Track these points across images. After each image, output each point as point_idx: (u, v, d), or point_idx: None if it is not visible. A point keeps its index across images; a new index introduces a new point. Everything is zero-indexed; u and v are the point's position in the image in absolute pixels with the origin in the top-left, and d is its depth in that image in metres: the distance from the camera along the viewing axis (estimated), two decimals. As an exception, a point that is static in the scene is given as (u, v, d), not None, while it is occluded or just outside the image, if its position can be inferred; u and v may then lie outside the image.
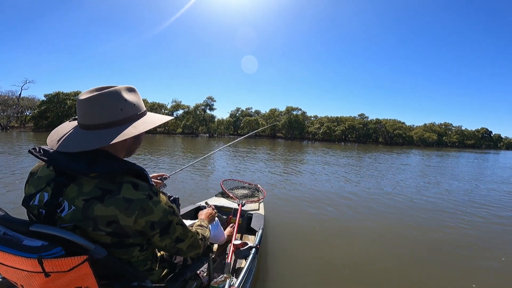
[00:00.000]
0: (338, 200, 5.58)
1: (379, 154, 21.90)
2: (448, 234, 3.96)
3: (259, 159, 13.18)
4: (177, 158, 11.77)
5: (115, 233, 0.83)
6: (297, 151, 20.69)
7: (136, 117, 0.93)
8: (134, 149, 1.02)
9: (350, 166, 11.99)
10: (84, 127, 0.89)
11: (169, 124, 47.04)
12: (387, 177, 9.32)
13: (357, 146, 36.11)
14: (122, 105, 0.89)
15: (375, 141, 54.31)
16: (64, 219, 0.81)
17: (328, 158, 15.44)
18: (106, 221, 0.81)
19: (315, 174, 9.06)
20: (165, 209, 0.90)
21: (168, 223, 0.92)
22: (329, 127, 51.53)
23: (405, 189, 7.15)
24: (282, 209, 4.74)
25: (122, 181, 0.84)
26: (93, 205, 0.80)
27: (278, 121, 51.22)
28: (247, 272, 1.80)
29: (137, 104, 0.95)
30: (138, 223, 0.85)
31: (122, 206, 0.81)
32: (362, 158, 16.92)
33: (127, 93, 0.92)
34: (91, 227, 0.80)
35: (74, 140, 0.87)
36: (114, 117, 0.88)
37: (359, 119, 56.41)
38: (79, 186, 0.82)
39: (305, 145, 32.73)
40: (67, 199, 0.82)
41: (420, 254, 3.21)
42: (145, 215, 0.85)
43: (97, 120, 0.87)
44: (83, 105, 0.87)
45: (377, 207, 5.24)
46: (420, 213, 4.94)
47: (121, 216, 0.81)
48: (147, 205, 0.85)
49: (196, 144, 23.38)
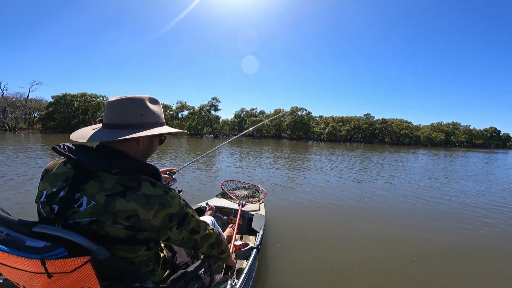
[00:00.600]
0: (341, 200, 5.48)
1: (386, 154, 21.64)
2: (464, 236, 3.83)
3: (262, 159, 13.12)
4: (184, 158, 11.77)
5: (132, 227, 0.86)
6: (302, 151, 20.56)
7: (154, 124, 1.00)
8: (148, 156, 1.07)
9: (355, 167, 11.84)
10: (107, 126, 0.96)
11: (175, 125, 47.32)
12: (395, 177, 9.16)
13: (363, 146, 35.76)
14: (143, 111, 0.97)
15: (381, 141, 53.78)
16: (83, 213, 0.84)
17: (333, 158, 15.28)
18: (126, 215, 0.85)
19: (318, 174, 8.96)
20: (180, 203, 0.97)
21: (184, 215, 0.97)
22: (334, 127, 51.19)
23: (416, 190, 6.99)
24: (283, 209, 4.69)
25: (141, 179, 0.90)
26: (115, 200, 0.84)
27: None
28: (248, 272, 1.80)
29: (157, 114, 1.02)
30: (158, 217, 0.89)
31: (142, 202, 0.86)
32: (368, 158, 16.72)
33: (150, 103, 1.00)
34: (110, 221, 0.84)
35: (96, 135, 0.94)
36: (134, 120, 0.95)
37: (364, 119, 55.94)
38: (99, 182, 0.87)
39: (310, 145, 32.53)
40: (86, 194, 0.85)
41: (428, 258, 3.09)
42: (165, 208, 0.90)
43: (118, 120, 0.94)
44: (110, 106, 0.96)
45: (384, 208, 5.12)
46: (432, 215, 4.79)
47: (141, 210, 0.86)
48: (166, 200, 0.91)
49: (201, 145, 23.44)
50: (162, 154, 13.03)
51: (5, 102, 36.69)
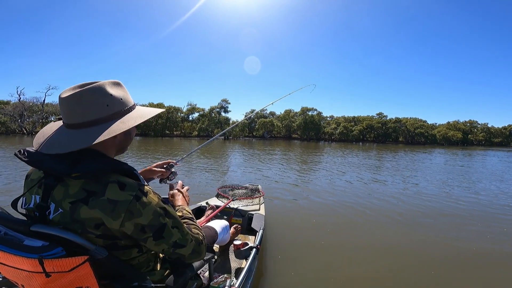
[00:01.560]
0: (344, 201, 5.33)
1: (401, 153, 20.97)
2: (489, 243, 3.50)
3: (268, 159, 12.94)
4: (194, 158, 11.74)
5: (105, 235, 0.81)
6: (312, 152, 20.22)
7: (124, 112, 0.89)
8: (126, 146, 0.98)
9: (364, 166, 11.44)
10: (69, 126, 0.85)
11: (185, 127, 47.81)
12: (408, 177, 8.76)
13: (376, 146, 34.97)
14: (107, 101, 0.85)
15: (395, 141, 52.53)
16: (52, 221, 0.80)
17: (342, 158, 14.90)
18: (94, 224, 0.79)
19: (322, 175, 8.75)
20: (155, 211, 0.83)
21: (161, 226, 0.85)
22: (346, 127, 50.39)
23: (434, 191, 6.62)
24: (284, 209, 4.64)
25: (108, 181, 0.80)
26: (79, 207, 0.78)
27: (294, 122, 50.56)
28: (248, 272, 1.78)
29: (124, 99, 0.90)
30: (126, 227, 0.80)
31: (107, 209, 0.77)
32: (383, 158, 16.21)
33: (112, 88, 0.87)
34: (80, 230, 0.79)
35: (59, 141, 0.83)
36: (101, 113, 0.84)
37: (377, 119, 54.81)
38: (65, 187, 0.80)
39: (321, 145, 32.05)
40: (54, 201, 0.80)
41: (445, 266, 2.83)
42: (133, 217, 0.80)
43: (82, 118, 0.83)
44: (66, 103, 0.83)
45: (392, 209, 4.89)
46: (454, 220, 4.46)
47: (107, 219, 0.78)
48: (134, 207, 0.79)
49: (211, 146, 23.47)
50: (171, 156, 13.02)
51: (22, 106, 37.98)
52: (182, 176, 6.98)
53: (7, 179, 6.14)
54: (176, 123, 47.62)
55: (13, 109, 37.42)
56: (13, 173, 6.89)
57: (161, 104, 46.64)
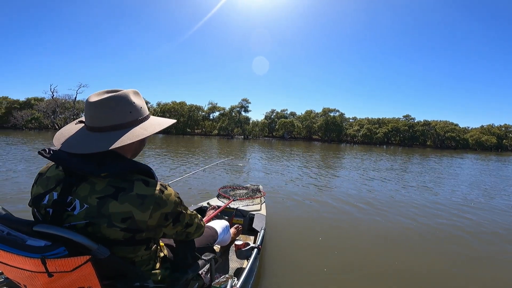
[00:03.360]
0: (345, 202, 5.31)
1: (433, 158, 19.68)
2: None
3: (283, 160, 12.60)
4: (212, 156, 11.67)
5: (129, 229, 0.85)
6: (332, 153, 19.52)
7: (142, 119, 0.97)
8: (140, 150, 1.05)
9: (387, 171, 10.73)
10: (94, 129, 0.90)
11: (206, 126, 48.43)
12: (427, 181, 8.03)
13: (401, 150, 33.27)
14: (130, 108, 0.93)
15: (423, 144, 49.89)
16: (77, 217, 0.84)
17: (360, 160, 14.18)
18: (121, 218, 0.83)
19: (326, 175, 8.66)
20: (175, 201, 0.95)
21: (179, 213, 0.97)
22: (369, 129, 48.56)
23: (462, 200, 5.95)
24: (285, 209, 4.65)
25: (133, 179, 0.87)
26: (108, 202, 0.83)
27: (314, 123, 49.59)
28: (249, 272, 1.80)
29: (143, 108, 0.98)
30: (153, 217, 0.87)
31: (136, 202, 0.84)
32: (407, 161, 15.26)
33: (134, 97, 0.96)
34: (106, 224, 0.83)
35: (85, 142, 0.89)
36: (124, 119, 0.91)
37: (404, 121, 52.31)
38: (91, 185, 0.85)
39: (343, 147, 31.03)
40: (79, 197, 0.84)
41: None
42: (160, 208, 0.88)
43: (107, 122, 0.89)
44: (94, 107, 0.90)
45: (401, 212, 4.74)
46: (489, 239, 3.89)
47: (136, 211, 0.84)
48: (161, 199, 0.89)
49: (231, 146, 23.42)
50: (190, 152, 13.04)
51: (55, 103, 40.40)
52: (205, 176, 6.82)
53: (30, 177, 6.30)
54: (197, 121, 48.35)
55: (46, 106, 39.92)
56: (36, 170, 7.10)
57: (183, 103, 47.60)
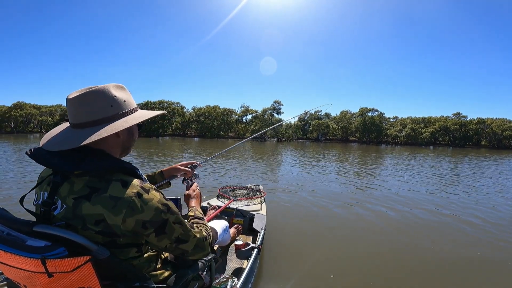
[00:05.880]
0: (347, 202, 5.29)
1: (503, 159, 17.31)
2: None
3: (301, 162, 11.81)
4: (247, 162, 11.45)
5: (104, 232, 0.82)
6: (369, 156, 18.13)
7: (127, 113, 0.93)
8: (130, 146, 1.00)
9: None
10: (75, 126, 0.89)
11: (239, 129, 48.89)
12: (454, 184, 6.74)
13: (451, 150, 30.03)
14: (111, 102, 0.89)
15: (476, 144, 44.79)
16: (57, 217, 0.83)
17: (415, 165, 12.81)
18: (94, 220, 0.81)
19: (331, 176, 8.50)
20: (157, 208, 0.87)
21: (163, 222, 0.88)
22: (413, 129, 44.85)
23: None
24: (285, 209, 4.65)
25: (111, 179, 0.84)
26: (81, 203, 0.81)
27: (351, 124, 47.35)
28: (249, 272, 1.78)
29: (127, 101, 0.94)
30: (128, 222, 0.83)
31: (108, 205, 0.81)
32: (461, 163, 13.48)
33: (116, 90, 0.92)
34: (80, 226, 0.81)
35: (63, 138, 0.87)
36: (105, 113, 0.88)
37: (454, 119, 47.55)
38: (71, 184, 0.84)
39: (383, 149, 28.89)
40: (60, 197, 0.84)
41: None
42: (134, 214, 0.83)
43: (87, 117, 0.87)
44: (73, 104, 0.88)
45: (402, 213, 4.63)
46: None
47: (108, 214, 0.81)
48: (135, 204, 0.83)
49: (264, 148, 23.16)
50: (225, 158, 12.95)
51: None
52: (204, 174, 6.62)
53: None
54: (230, 124, 48.96)
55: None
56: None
57: (216, 107, 48.58)
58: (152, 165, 9.70)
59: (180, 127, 45.93)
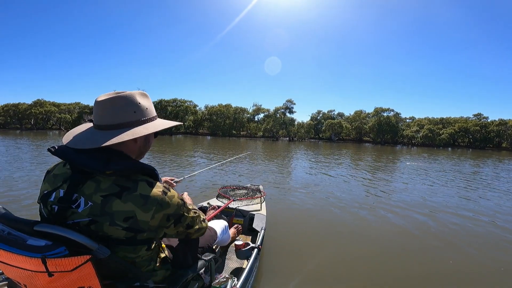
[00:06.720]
0: (347, 202, 5.28)
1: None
2: None
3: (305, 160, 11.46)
4: (259, 162, 11.28)
5: (131, 228, 0.85)
6: (385, 158, 17.56)
7: (147, 120, 0.98)
8: (145, 152, 1.05)
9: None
10: (100, 127, 0.93)
11: (251, 128, 48.82)
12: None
13: (471, 152, 28.83)
14: (135, 108, 0.95)
15: (497, 146, 42.91)
16: (81, 214, 0.84)
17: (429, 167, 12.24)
18: (124, 217, 0.84)
19: (333, 175, 8.48)
20: (178, 202, 0.96)
21: (181, 214, 0.98)
22: (431, 130, 43.43)
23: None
24: (285, 209, 4.64)
25: (137, 179, 0.89)
26: (111, 201, 0.84)
27: (365, 124, 46.35)
28: (249, 272, 1.79)
29: (149, 109, 1.00)
30: (156, 218, 0.89)
31: (139, 202, 0.85)
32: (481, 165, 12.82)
33: (140, 98, 0.98)
34: (108, 222, 0.83)
35: (87, 138, 0.91)
36: (128, 118, 0.93)
37: (474, 120, 45.70)
38: (96, 183, 0.86)
39: (399, 150, 28.03)
40: (84, 195, 0.85)
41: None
42: (162, 209, 0.90)
43: (112, 120, 0.92)
44: (101, 106, 0.92)
45: (404, 213, 4.63)
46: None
47: (139, 211, 0.85)
48: (164, 200, 0.90)
49: (276, 147, 22.93)
50: (239, 162, 12.84)
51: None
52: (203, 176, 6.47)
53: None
54: (242, 123, 48.95)
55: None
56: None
57: (228, 105, 48.70)
58: (169, 164, 9.67)
59: (192, 125, 46.31)
